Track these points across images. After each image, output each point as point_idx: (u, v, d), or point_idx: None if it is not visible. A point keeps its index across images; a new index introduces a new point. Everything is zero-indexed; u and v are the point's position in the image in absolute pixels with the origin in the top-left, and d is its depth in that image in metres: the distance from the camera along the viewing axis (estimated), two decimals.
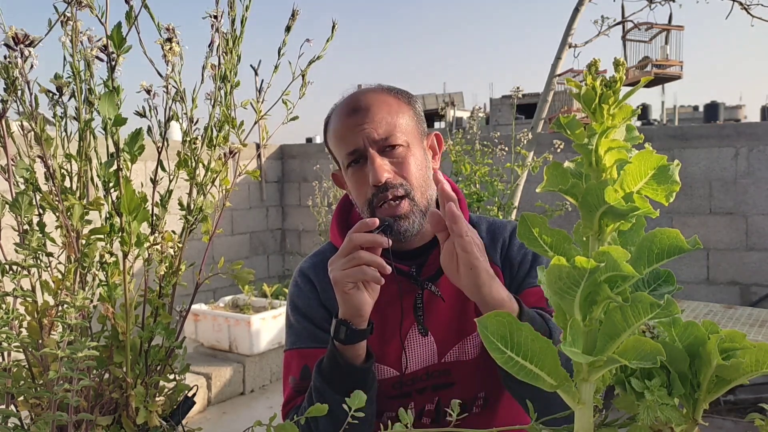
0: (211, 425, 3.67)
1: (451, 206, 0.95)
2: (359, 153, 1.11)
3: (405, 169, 1.10)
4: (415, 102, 1.20)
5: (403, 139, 1.11)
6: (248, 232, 6.41)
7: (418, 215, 1.10)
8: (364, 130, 1.10)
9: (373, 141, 1.09)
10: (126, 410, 0.86)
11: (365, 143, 1.09)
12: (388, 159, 1.10)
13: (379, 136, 1.09)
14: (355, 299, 0.98)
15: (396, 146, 1.10)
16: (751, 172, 4.57)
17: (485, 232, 1.25)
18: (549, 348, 0.62)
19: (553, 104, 9.69)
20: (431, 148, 1.21)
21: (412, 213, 1.10)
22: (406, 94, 1.19)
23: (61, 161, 0.85)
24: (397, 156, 1.10)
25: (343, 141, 1.13)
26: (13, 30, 0.75)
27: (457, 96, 25.38)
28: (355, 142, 1.10)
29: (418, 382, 1.19)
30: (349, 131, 1.11)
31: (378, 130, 1.10)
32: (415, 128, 1.15)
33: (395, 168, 1.10)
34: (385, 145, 1.10)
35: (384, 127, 1.10)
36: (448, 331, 1.19)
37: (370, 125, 1.10)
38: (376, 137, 1.09)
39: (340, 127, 1.14)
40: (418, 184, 1.11)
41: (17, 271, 0.82)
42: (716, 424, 3.32)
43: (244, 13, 0.90)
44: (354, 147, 1.11)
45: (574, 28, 3.63)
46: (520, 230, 0.66)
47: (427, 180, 1.14)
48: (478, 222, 1.26)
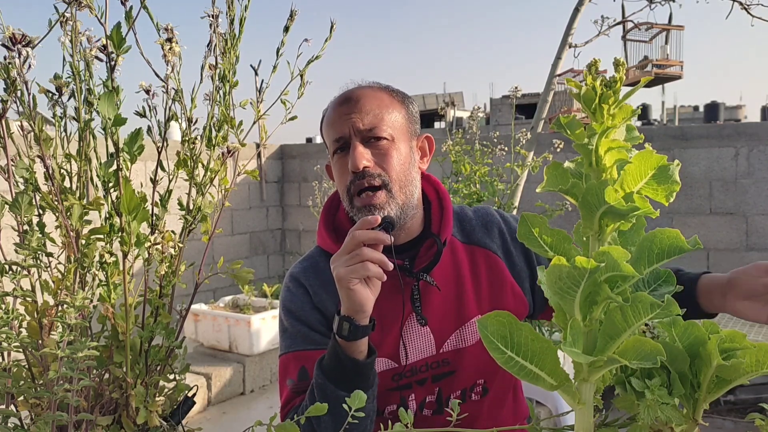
0: (211, 425, 3.67)
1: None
2: (344, 140, 1.14)
3: (386, 161, 1.13)
4: (411, 103, 1.22)
5: (389, 133, 1.14)
6: (248, 232, 6.40)
7: (394, 207, 1.12)
8: (351, 118, 1.13)
9: (358, 130, 1.13)
10: (126, 410, 0.86)
11: (350, 131, 1.13)
12: (371, 150, 1.13)
13: (364, 126, 1.13)
14: (358, 295, 0.99)
15: (380, 138, 1.13)
16: (751, 172, 4.57)
17: (474, 219, 1.28)
18: (549, 348, 0.62)
19: (553, 104, 9.70)
20: (420, 149, 1.23)
21: (387, 205, 1.11)
22: (401, 94, 1.22)
23: (61, 161, 0.85)
24: (380, 148, 1.13)
25: (332, 128, 1.16)
26: (10, 30, 0.75)
27: (457, 96, 25.38)
28: (342, 129, 1.14)
29: (417, 373, 1.21)
30: (338, 119, 1.15)
31: (364, 120, 1.13)
32: (404, 126, 1.18)
33: (376, 159, 1.12)
34: (369, 136, 1.13)
35: (370, 118, 1.13)
36: (445, 318, 1.21)
37: (357, 115, 1.13)
38: (361, 127, 1.13)
39: (331, 114, 1.18)
40: (398, 178, 1.13)
41: (17, 271, 0.82)
42: (716, 424, 3.32)
43: (243, 14, 0.90)
44: (340, 134, 1.14)
45: (574, 28, 3.62)
46: (520, 230, 0.66)
47: (410, 177, 1.16)
48: (461, 212, 1.29)
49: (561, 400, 1.56)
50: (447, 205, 1.23)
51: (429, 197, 1.25)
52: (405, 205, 1.14)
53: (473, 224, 1.27)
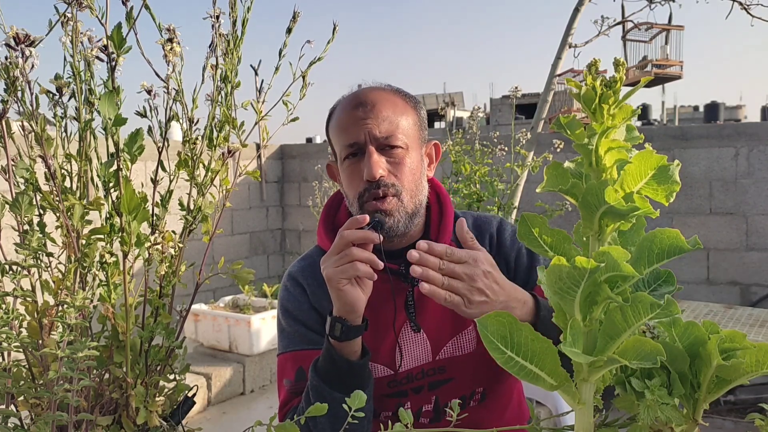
0: (211, 425, 3.67)
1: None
2: (358, 147, 1.12)
3: (399, 170, 1.11)
4: (421, 108, 1.21)
5: (403, 141, 1.12)
6: (248, 232, 6.40)
7: (403, 215, 1.11)
8: (367, 125, 1.10)
9: (374, 137, 1.10)
10: (126, 410, 0.86)
11: (366, 138, 1.10)
12: (385, 157, 1.11)
13: (381, 134, 1.10)
14: (349, 296, 0.99)
15: (395, 147, 1.11)
16: (751, 172, 4.57)
17: (471, 226, 1.26)
18: (549, 348, 0.62)
19: (553, 104, 9.70)
20: (428, 156, 1.22)
21: (397, 211, 1.10)
22: (413, 98, 1.20)
23: (62, 161, 0.85)
24: (395, 156, 1.11)
25: (345, 132, 1.13)
26: (14, 30, 0.75)
27: (457, 96, 25.36)
28: (357, 135, 1.11)
29: (413, 380, 1.19)
30: (352, 124, 1.12)
31: (380, 127, 1.10)
32: (416, 133, 1.16)
33: (390, 167, 1.11)
34: (385, 144, 1.11)
35: (387, 125, 1.11)
36: (441, 326, 1.19)
37: (373, 121, 1.11)
38: (378, 134, 1.10)
39: (344, 118, 1.15)
40: (409, 188, 1.12)
41: (17, 271, 0.82)
42: (716, 424, 3.32)
43: (246, 15, 0.90)
44: (354, 140, 1.11)
45: (574, 28, 3.62)
46: (520, 230, 0.66)
47: (419, 185, 1.15)
48: (463, 217, 1.27)
49: (561, 400, 1.56)
50: (447, 210, 1.22)
51: (429, 201, 1.23)
52: (413, 213, 1.13)
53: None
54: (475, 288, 0.95)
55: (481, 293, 0.95)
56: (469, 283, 0.95)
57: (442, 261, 0.95)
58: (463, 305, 0.95)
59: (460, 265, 0.95)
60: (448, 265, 0.95)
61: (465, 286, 0.95)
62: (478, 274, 0.96)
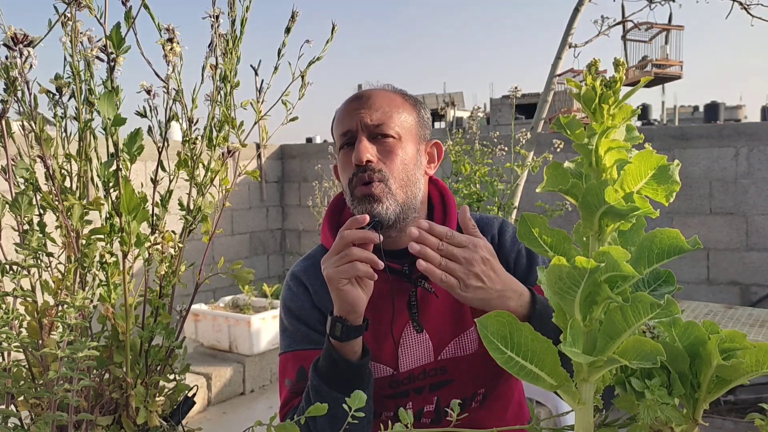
0: (211, 425, 3.67)
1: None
2: (351, 135, 1.15)
3: (389, 159, 1.12)
4: (423, 108, 1.23)
5: (396, 131, 1.14)
6: (248, 232, 6.40)
7: (392, 203, 1.11)
8: (360, 113, 1.14)
9: (365, 125, 1.13)
10: (126, 410, 0.86)
11: (358, 126, 1.14)
12: (376, 146, 1.13)
13: (372, 122, 1.13)
14: (349, 296, 0.99)
15: (387, 136, 1.13)
16: (751, 172, 4.57)
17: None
18: (549, 348, 0.62)
19: (553, 104, 9.70)
20: (429, 154, 1.23)
21: (385, 198, 1.10)
22: (415, 99, 1.23)
23: (61, 161, 0.85)
24: (386, 144, 1.13)
25: (340, 123, 1.18)
26: (12, 30, 0.75)
27: (457, 96, 25.38)
28: (350, 124, 1.15)
29: (415, 381, 1.19)
30: (347, 115, 1.16)
31: (372, 116, 1.14)
32: (413, 128, 1.18)
33: (380, 155, 1.12)
34: (376, 132, 1.13)
35: (379, 115, 1.14)
36: (444, 327, 1.19)
37: (366, 111, 1.14)
38: (369, 122, 1.13)
39: (341, 110, 1.19)
40: (399, 177, 1.13)
41: (17, 271, 0.82)
42: (716, 424, 3.32)
43: (245, 14, 0.90)
44: (348, 128, 1.15)
45: (574, 28, 3.62)
46: (520, 230, 0.66)
47: (413, 178, 1.15)
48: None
49: (561, 400, 1.56)
50: (451, 210, 1.22)
51: (433, 200, 1.24)
52: (405, 204, 1.13)
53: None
54: (472, 272, 0.96)
55: (478, 278, 0.96)
56: (466, 267, 0.95)
57: (441, 242, 0.96)
58: (458, 288, 0.95)
59: (460, 249, 0.96)
60: (447, 247, 0.96)
61: (462, 269, 0.95)
62: (477, 260, 0.96)
